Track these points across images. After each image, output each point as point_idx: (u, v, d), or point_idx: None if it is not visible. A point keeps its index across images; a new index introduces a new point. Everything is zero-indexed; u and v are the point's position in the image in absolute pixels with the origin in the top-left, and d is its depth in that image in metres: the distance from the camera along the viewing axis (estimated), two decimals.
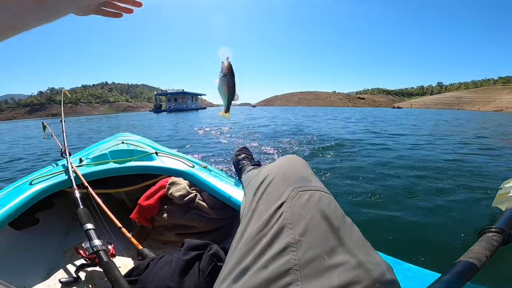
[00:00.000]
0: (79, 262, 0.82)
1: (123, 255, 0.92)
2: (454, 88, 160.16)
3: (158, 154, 1.22)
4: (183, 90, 49.77)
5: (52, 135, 1.52)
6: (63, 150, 1.22)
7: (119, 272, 0.68)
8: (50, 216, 1.11)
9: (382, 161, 3.08)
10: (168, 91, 51.27)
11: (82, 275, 0.79)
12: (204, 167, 1.19)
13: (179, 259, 0.65)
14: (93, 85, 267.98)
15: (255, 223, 0.45)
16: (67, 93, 1.86)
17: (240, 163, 1.25)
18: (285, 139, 5.13)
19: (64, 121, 1.51)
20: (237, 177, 1.24)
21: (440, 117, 16.74)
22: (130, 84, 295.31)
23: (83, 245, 0.75)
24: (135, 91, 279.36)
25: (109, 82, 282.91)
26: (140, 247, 0.83)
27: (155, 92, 56.90)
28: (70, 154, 1.14)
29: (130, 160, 1.13)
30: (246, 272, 0.38)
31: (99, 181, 1.05)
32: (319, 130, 6.98)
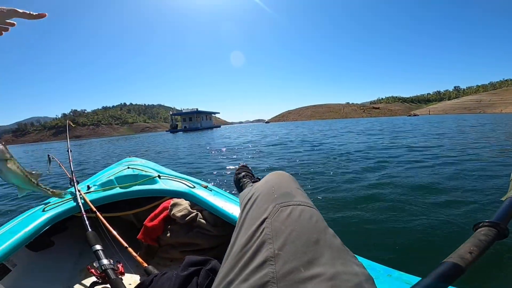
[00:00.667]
0: (91, 280, 0.88)
1: (132, 273, 0.98)
2: (472, 91, 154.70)
3: (161, 177, 1.30)
4: (197, 109, 51.05)
5: (60, 165, 1.61)
6: (70, 178, 1.31)
7: None
8: (65, 239, 1.20)
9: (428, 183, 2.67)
10: (183, 111, 52.73)
11: None
12: (205, 186, 1.25)
13: (178, 275, 0.69)
14: (113, 106, 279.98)
15: (241, 238, 0.48)
16: (71, 123, 1.96)
17: (241, 181, 1.28)
18: (307, 159, 4.77)
19: (71, 150, 1.60)
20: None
21: (466, 123, 15.58)
22: (147, 104, 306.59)
23: (94, 264, 0.82)
24: (152, 111, 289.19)
25: (127, 103, 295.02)
26: (145, 264, 0.88)
27: (171, 112, 58.72)
28: (78, 182, 1.25)
29: (135, 185, 1.21)
30: (230, 285, 0.40)
31: (109, 205, 1.12)
32: (343, 146, 6.40)
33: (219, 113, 66.08)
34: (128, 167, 1.48)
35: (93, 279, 0.85)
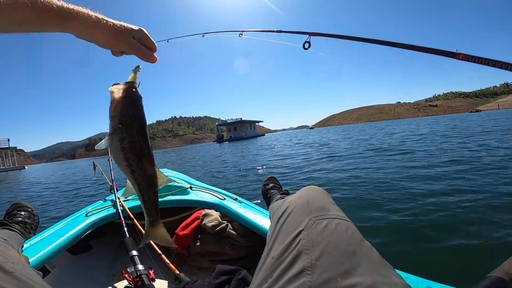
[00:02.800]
0: (124, 284, 0.91)
1: (161, 279, 1.02)
2: None
3: (193, 188, 1.36)
4: (241, 118, 52.63)
5: (102, 173, 1.73)
6: (111, 186, 1.41)
7: None
8: (101, 244, 1.28)
9: None
10: (228, 121, 54.85)
11: None
12: (234, 199, 1.27)
13: (210, 283, 0.70)
14: (165, 120, 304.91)
15: (276, 249, 0.49)
16: None
17: (269, 192, 1.30)
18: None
19: (112, 159, 1.74)
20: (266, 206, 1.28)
21: None
22: (194, 117, 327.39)
23: (128, 269, 0.84)
24: (199, 123, 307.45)
25: (177, 116, 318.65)
26: (177, 272, 0.90)
27: (216, 123, 61.48)
28: (117, 190, 1.33)
29: (169, 194, 1.27)
30: None
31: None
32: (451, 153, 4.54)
33: (262, 121, 67.16)
34: None
35: (125, 283, 0.88)
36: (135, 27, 0.48)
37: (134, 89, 0.44)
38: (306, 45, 1.06)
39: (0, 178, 14.11)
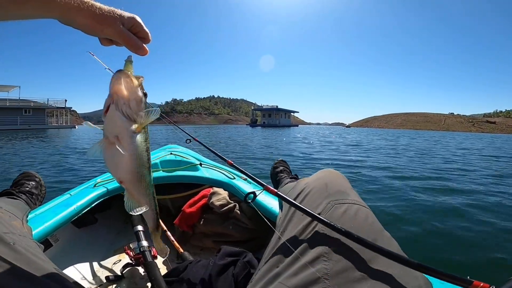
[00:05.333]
0: (125, 261, 0.90)
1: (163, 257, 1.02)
2: None
3: (202, 165, 1.31)
4: (277, 106, 52.56)
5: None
6: None
7: (159, 272, 0.73)
8: (107, 217, 1.25)
9: None
10: (264, 107, 54.98)
11: (126, 273, 0.87)
12: (244, 179, 1.22)
13: (215, 264, 0.68)
14: (203, 98, 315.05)
15: (290, 233, 0.46)
16: None
17: (278, 175, 1.25)
18: None
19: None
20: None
21: None
22: (231, 98, 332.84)
23: (131, 245, 0.83)
24: (235, 105, 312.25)
25: (215, 96, 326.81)
26: (182, 250, 0.89)
27: (252, 107, 62.04)
28: None
29: (178, 170, 1.24)
30: (277, 278, 0.39)
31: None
32: None
33: (298, 112, 66.07)
34: (171, 153, 1.51)
35: (127, 260, 0.86)
36: (127, 13, 0.43)
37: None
38: None
39: (53, 134, 15.42)
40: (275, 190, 0.53)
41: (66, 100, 28.49)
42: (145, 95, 0.43)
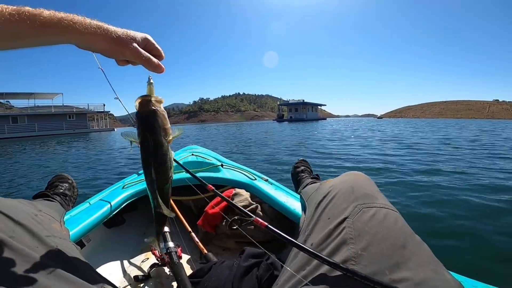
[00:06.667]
0: (152, 260, 0.92)
1: (188, 257, 1.01)
2: None
3: (224, 166, 1.31)
4: (303, 100, 51.67)
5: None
6: None
7: (185, 273, 0.75)
8: (134, 218, 1.28)
9: None
10: (290, 101, 54.32)
11: (152, 273, 0.89)
12: (265, 180, 1.22)
13: (240, 265, 0.69)
14: (229, 95, 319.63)
15: (316, 236, 0.46)
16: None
17: (299, 175, 1.24)
18: None
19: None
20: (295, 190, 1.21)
21: None
22: (256, 94, 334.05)
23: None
24: (261, 101, 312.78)
25: (241, 93, 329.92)
26: (206, 251, 0.89)
27: (278, 102, 61.67)
28: None
29: (200, 171, 1.24)
30: (304, 281, 0.39)
31: (173, 188, 1.20)
32: None
33: (325, 105, 64.41)
34: (192, 154, 1.51)
35: (153, 260, 0.87)
36: (140, 34, 0.46)
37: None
38: None
39: (96, 137, 16.62)
40: (265, 223, 0.53)
41: (104, 105, 30.53)
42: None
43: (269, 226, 0.51)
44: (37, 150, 9.07)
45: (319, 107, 59.20)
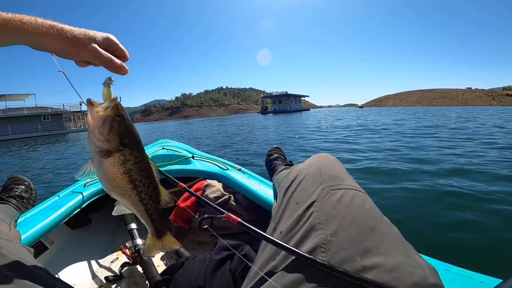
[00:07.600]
0: (123, 260, 0.90)
1: (161, 254, 1.00)
2: None
3: (195, 157, 1.29)
4: (286, 92, 52.20)
5: None
6: None
7: (156, 270, 0.73)
8: (101, 217, 1.23)
9: None
10: (273, 93, 54.51)
11: (125, 272, 0.87)
12: (238, 169, 1.20)
13: (211, 259, 0.67)
14: (212, 90, 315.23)
15: (285, 223, 0.45)
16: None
17: (272, 163, 1.22)
18: None
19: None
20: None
21: None
22: (240, 88, 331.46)
23: (127, 244, 0.83)
24: (244, 94, 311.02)
25: (224, 87, 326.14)
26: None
27: (262, 95, 61.79)
28: None
29: (170, 164, 1.22)
30: (274, 272, 0.38)
31: None
32: None
33: (308, 96, 65.44)
34: (163, 148, 1.50)
35: (125, 259, 0.84)
36: (101, 34, 0.44)
37: (121, 106, 0.41)
38: None
39: (75, 138, 15.91)
40: (238, 219, 0.51)
41: (81, 104, 28.92)
42: (118, 116, 0.41)
43: (242, 221, 0.50)
44: (12, 153, 8.57)
45: (302, 98, 59.76)
